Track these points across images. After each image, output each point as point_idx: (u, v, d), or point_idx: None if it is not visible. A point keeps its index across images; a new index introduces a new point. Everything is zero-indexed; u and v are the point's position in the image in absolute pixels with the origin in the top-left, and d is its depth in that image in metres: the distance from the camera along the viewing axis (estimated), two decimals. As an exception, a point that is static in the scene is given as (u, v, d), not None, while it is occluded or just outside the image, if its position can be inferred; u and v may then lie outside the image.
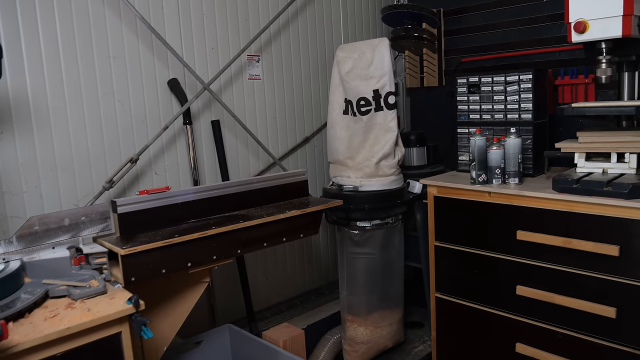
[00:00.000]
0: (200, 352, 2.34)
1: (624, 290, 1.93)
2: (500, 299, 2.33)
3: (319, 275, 3.36)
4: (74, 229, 1.77)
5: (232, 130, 2.80)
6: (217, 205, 2.07)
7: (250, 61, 2.86)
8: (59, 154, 2.20)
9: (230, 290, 2.84)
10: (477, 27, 3.07)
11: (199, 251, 1.86)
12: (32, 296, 1.50)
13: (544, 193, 2.12)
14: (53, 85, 2.17)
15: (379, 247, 2.72)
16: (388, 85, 2.58)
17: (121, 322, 1.49)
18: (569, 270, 2.07)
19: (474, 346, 2.47)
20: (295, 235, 2.17)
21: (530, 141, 2.45)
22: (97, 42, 2.29)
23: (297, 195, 2.35)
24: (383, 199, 2.63)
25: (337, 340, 2.87)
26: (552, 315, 2.15)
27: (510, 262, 2.26)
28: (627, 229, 1.91)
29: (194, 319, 2.34)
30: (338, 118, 2.76)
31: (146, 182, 2.48)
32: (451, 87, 3.10)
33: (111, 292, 1.59)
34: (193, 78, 2.57)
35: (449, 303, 2.54)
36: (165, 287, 1.92)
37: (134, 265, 1.68)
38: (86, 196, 2.27)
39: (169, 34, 2.51)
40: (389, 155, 2.62)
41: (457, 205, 2.43)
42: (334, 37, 3.31)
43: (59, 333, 1.36)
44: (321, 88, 3.24)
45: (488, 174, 2.34)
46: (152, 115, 2.48)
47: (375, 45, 2.61)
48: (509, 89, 2.49)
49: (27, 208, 2.12)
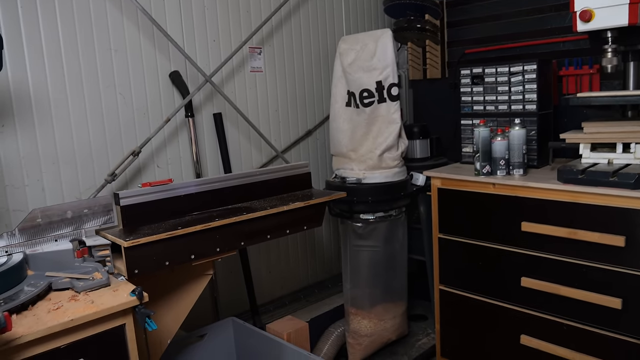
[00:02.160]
0: (204, 345, 2.34)
1: (629, 281, 1.92)
2: (504, 291, 2.32)
3: (322, 269, 3.36)
4: (76, 221, 1.76)
5: (235, 123, 2.79)
6: (220, 198, 2.06)
7: (252, 53, 2.84)
8: (61, 147, 2.19)
9: (234, 284, 2.83)
10: (480, 18, 3.05)
11: (203, 243, 1.85)
12: (35, 289, 1.49)
13: (549, 184, 2.10)
14: (54, 79, 2.16)
15: (383, 240, 2.71)
16: (391, 77, 2.56)
17: (125, 314, 1.49)
18: (574, 261, 2.06)
19: (478, 338, 2.47)
20: (299, 228, 2.16)
21: (534, 132, 2.43)
22: (98, 35, 2.27)
23: (300, 188, 2.34)
24: (386, 191, 2.61)
25: (340, 333, 2.86)
26: (557, 306, 2.14)
27: (515, 254, 2.25)
28: (632, 220, 1.89)
29: (197, 313, 2.34)
30: (341, 110, 2.75)
31: (148, 175, 2.47)
32: (454, 79, 3.08)
33: (114, 285, 1.58)
34: (195, 70, 2.55)
35: (452, 295, 2.53)
36: (169, 279, 1.91)
37: (137, 257, 1.68)
38: (88, 189, 2.26)
39: (171, 26, 2.49)
40: (392, 147, 2.61)
41: (461, 197, 2.42)
42: (336, 28, 3.29)
43: (63, 325, 1.35)
44: (323, 80, 3.23)
45: (492, 165, 2.33)
46: (154, 108, 2.47)
47: (378, 36, 2.59)
48: (513, 80, 2.47)
49: (29, 201, 2.12)
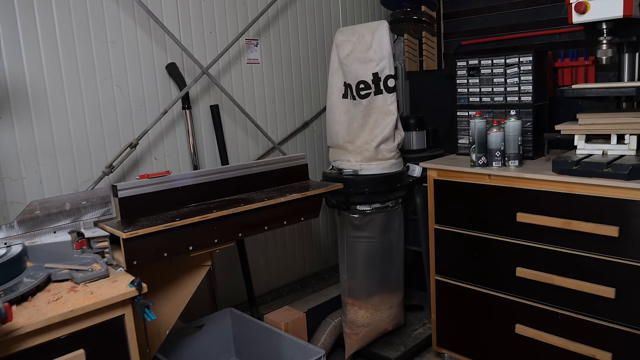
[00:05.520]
0: (202, 336, 2.36)
1: (623, 271, 1.95)
2: (500, 281, 2.34)
3: (319, 260, 3.38)
4: (75, 213, 1.77)
5: (232, 114, 2.79)
6: (217, 189, 2.07)
7: (248, 45, 2.84)
8: (58, 139, 2.19)
9: (231, 275, 2.85)
10: (476, 10, 3.05)
11: (201, 234, 1.87)
12: (34, 280, 1.50)
13: (544, 175, 2.12)
14: (51, 71, 2.15)
15: (379, 231, 2.73)
16: (387, 69, 2.57)
17: (124, 305, 1.50)
18: (568, 251, 2.09)
19: (473, 328, 2.49)
20: (296, 219, 2.18)
21: (530, 124, 2.44)
22: (94, 27, 2.27)
23: (297, 179, 2.36)
24: (383, 182, 2.63)
25: (337, 323, 2.88)
26: (552, 296, 2.16)
27: (510, 244, 2.27)
28: (626, 210, 1.91)
29: (195, 303, 2.36)
30: (337, 102, 2.75)
31: (146, 167, 2.48)
32: (451, 70, 3.09)
33: (113, 276, 1.59)
34: (191, 62, 2.55)
35: (448, 285, 2.55)
36: (167, 270, 1.93)
37: (135, 248, 1.69)
38: (86, 181, 2.27)
39: (167, 18, 2.49)
40: (388, 139, 2.62)
41: (457, 188, 2.44)
42: (332, 20, 3.28)
43: (63, 316, 1.36)
44: (320, 72, 3.23)
45: (488, 157, 2.34)
46: (151, 100, 2.47)
47: (375, 28, 2.59)
48: (509, 72, 2.48)
49: (27, 194, 2.12)
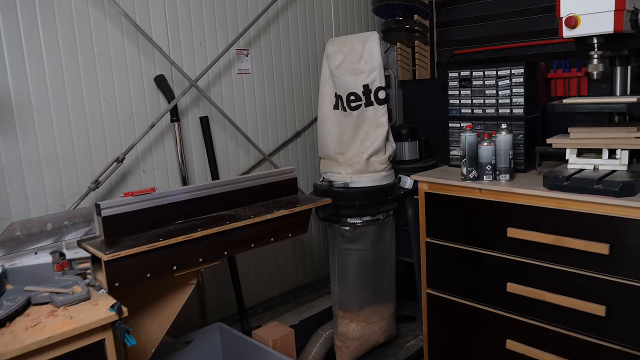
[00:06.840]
0: (190, 352, 2.33)
1: (613, 289, 1.92)
2: (491, 296, 2.32)
3: (311, 270, 3.35)
4: (57, 233, 1.75)
5: (222, 126, 2.77)
6: (204, 206, 2.04)
7: (239, 55, 2.82)
8: (44, 154, 2.17)
9: (222, 287, 2.83)
10: (469, 19, 3.03)
11: (185, 254, 1.84)
12: (13, 304, 1.48)
13: (535, 190, 2.10)
14: (36, 84, 2.13)
15: (371, 243, 2.71)
16: (378, 80, 2.55)
17: (104, 329, 1.48)
18: (559, 268, 2.06)
19: (465, 342, 2.47)
20: (284, 235, 2.15)
21: (522, 136, 2.42)
22: (80, 39, 2.24)
23: (286, 193, 2.32)
24: (374, 195, 2.61)
25: (329, 336, 2.86)
26: (543, 312, 2.14)
27: (501, 260, 2.24)
28: (617, 227, 1.89)
29: (184, 317, 2.33)
30: (328, 112, 2.73)
31: (134, 180, 2.45)
32: (443, 80, 3.06)
33: (95, 298, 1.57)
34: (180, 74, 2.53)
35: (440, 299, 2.53)
36: (152, 289, 1.90)
37: (117, 270, 1.66)
38: (72, 196, 2.24)
39: (155, 30, 2.46)
40: (379, 151, 2.60)
41: (448, 202, 2.41)
42: (324, 29, 3.26)
43: (40, 343, 1.34)
44: (312, 81, 3.20)
45: (479, 170, 2.32)
46: (139, 113, 2.45)
47: (365, 39, 2.57)
48: (501, 83, 2.46)
49: (12, 209, 2.10)
